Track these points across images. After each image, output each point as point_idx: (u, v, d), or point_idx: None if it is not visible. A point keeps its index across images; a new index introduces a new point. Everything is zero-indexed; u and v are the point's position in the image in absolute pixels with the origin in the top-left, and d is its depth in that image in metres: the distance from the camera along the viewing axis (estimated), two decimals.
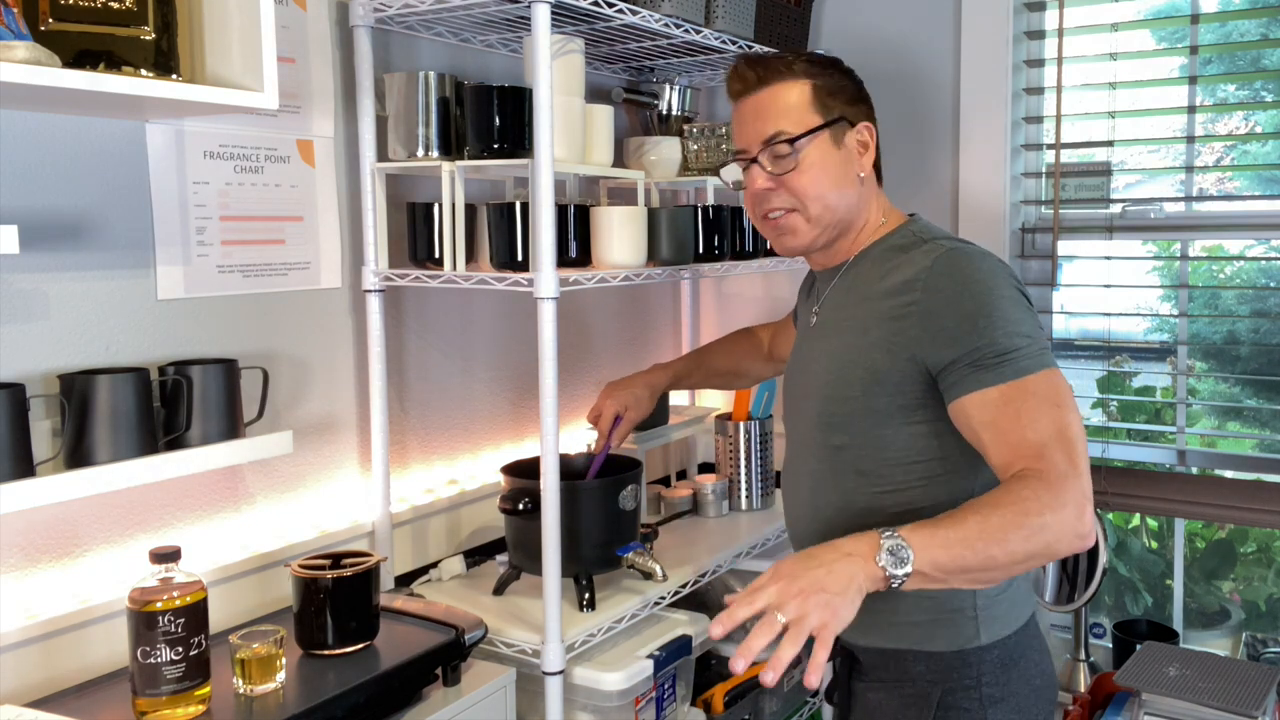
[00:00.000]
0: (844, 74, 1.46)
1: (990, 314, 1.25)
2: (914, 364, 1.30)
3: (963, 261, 1.31)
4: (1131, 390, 2.42)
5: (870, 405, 1.34)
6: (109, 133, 1.44)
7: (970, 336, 1.25)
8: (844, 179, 1.42)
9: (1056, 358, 2.31)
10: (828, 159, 1.41)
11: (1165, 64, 2.20)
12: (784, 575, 1.11)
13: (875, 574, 1.10)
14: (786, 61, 1.43)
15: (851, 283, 1.43)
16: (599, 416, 1.84)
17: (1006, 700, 1.32)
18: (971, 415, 1.24)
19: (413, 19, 1.74)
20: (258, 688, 1.31)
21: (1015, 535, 1.13)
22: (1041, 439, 1.18)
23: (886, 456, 1.35)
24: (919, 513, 1.33)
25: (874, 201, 1.46)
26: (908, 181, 2.31)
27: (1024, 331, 1.25)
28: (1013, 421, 1.21)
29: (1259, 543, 2.53)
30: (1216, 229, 2.15)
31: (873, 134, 1.44)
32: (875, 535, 1.12)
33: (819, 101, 1.41)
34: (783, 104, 1.41)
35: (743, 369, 1.95)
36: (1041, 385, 1.22)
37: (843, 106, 1.43)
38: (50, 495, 1.25)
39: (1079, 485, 1.16)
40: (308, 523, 1.73)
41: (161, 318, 1.51)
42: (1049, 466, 1.17)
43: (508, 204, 1.67)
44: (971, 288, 1.28)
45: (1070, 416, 1.21)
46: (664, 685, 1.80)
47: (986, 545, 1.13)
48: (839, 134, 1.42)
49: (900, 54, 2.31)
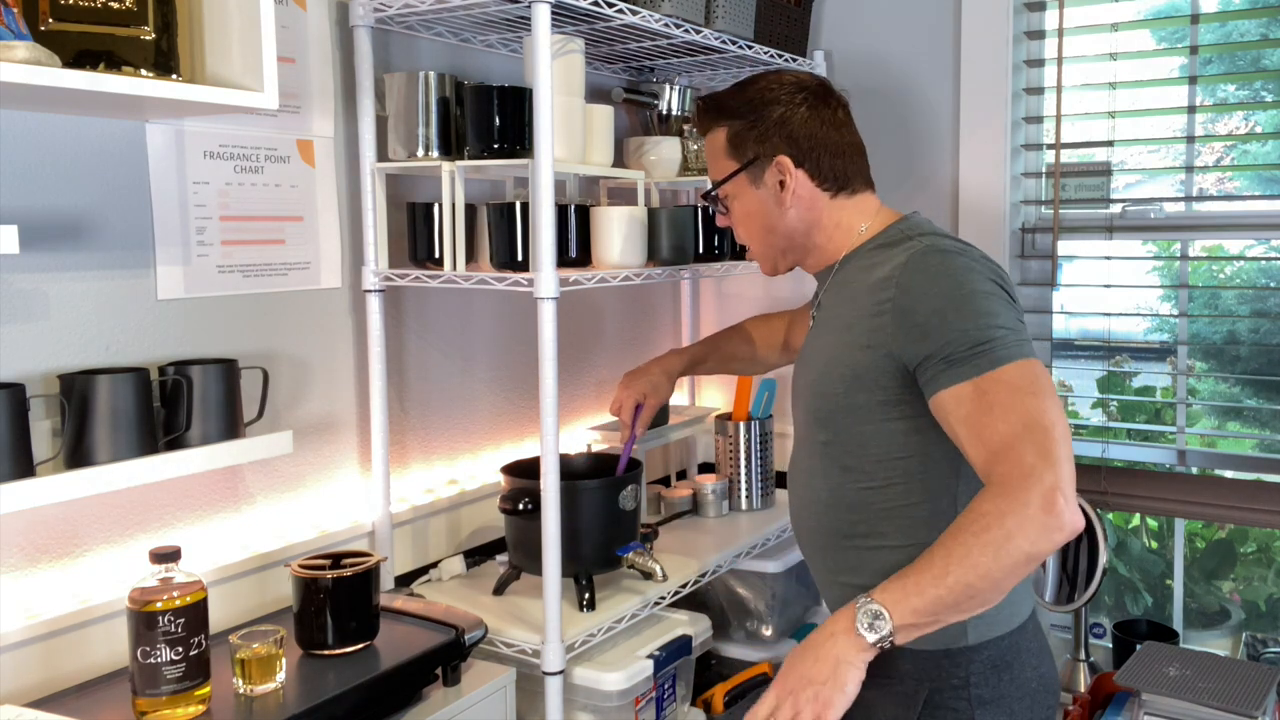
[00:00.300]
0: (762, 105, 1.45)
1: (961, 307, 1.25)
2: (891, 360, 1.30)
3: (936, 257, 1.31)
4: (1131, 390, 2.43)
5: (852, 401, 1.35)
6: (109, 133, 1.44)
7: (941, 331, 1.25)
8: (771, 215, 1.47)
9: (1056, 358, 2.32)
10: (751, 201, 1.49)
11: (1165, 64, 2.20)
12: (780, 677, 1.21)
13: (860, 644, 1.17)
14: (712, 108, 1.50)
15: (841, 281, 1.44)
16: (620, 408, 1.84)
17: (997, 702, 1.32)
18: (949, 411, 1.24)
19: (413, 19, 1.74)
20: (258, 688, 1.31)
21: (983, 555, 1.14)
22: (1012, 431, 1.17)
23: (868, 452, 1.36)
24: (904, 508, 1.35)
25: (835, 216, 1.46)
26: (907, 181, 2.32)
27: (997, 323, 1.24)
28: (985, 415, 1.20)
29: (1259, 543, 2.53)
30: (1216, 229, 2.15)
31: (787, 167, 1.44)
32: (852, 606, 1.19)
33: (732, 147, 1.49)
34: (710, 153, 1.53)
35: (759, 356, 1.95)
36: (1014, 375, 1.21)
37: (755, 145, 1.46)
38: (50, 495, 1.25)
39: (1046, 477, 1.14)
40: (308, 523, 1.73)
41: (161, 318, 1.51)
42: (1013, 465, 1.15)
43: (508, 204, 1.67)
44: (942, 282, 1.28)
45: (1044, 404, 1.18)
46: (664, 685, 1.80)
47: (959, 575, 1.15)
48: (756, 174, 1.46)
49: (900, 54, 2.32)
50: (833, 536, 1.42)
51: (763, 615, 2.15)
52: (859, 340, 1.34)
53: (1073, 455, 1.18)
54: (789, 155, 1.44)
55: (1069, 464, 1.16)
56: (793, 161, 1.44)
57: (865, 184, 1.49)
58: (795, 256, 1.51)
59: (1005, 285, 1.32)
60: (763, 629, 2.16)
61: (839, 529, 1.41)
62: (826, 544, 1.43)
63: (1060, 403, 1.21)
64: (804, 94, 1.46)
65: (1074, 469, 1.17)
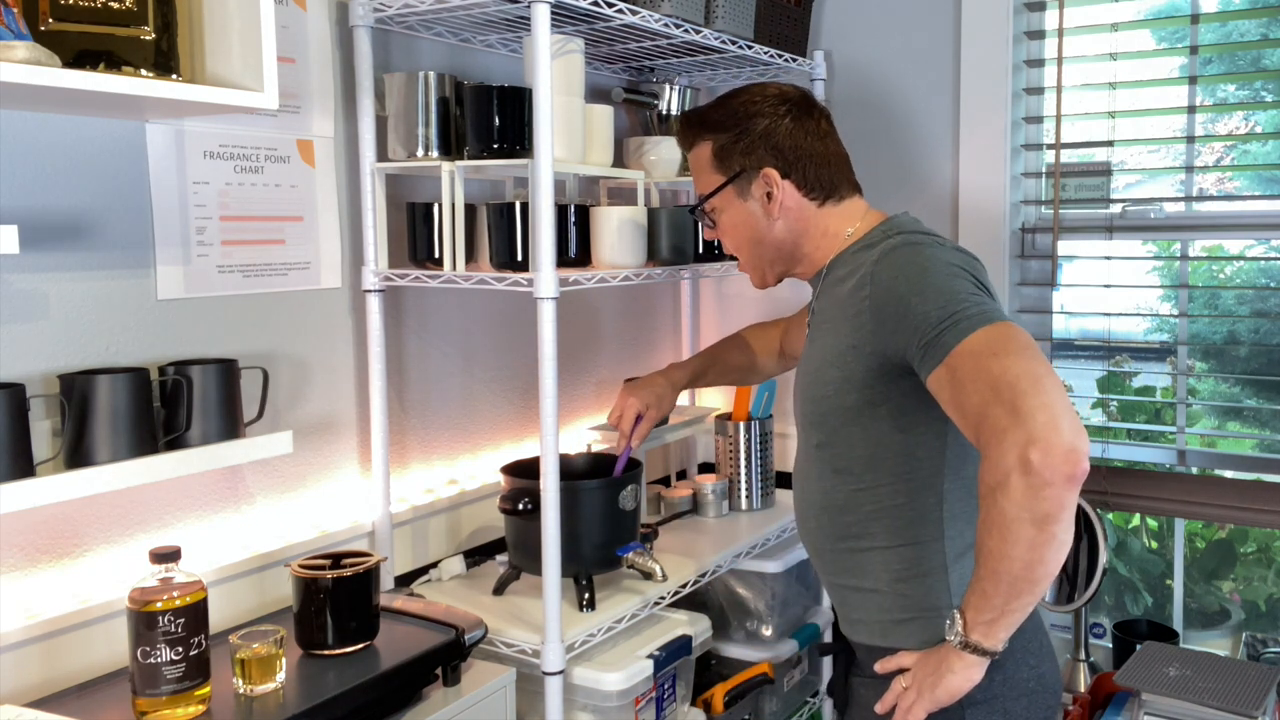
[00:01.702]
0: (746, 118, 1.45)
1: (922, 290, 1.25)
2: (875, 358, 1.31)
3: (904, 251, 1.32)
4: (1131, 390, 2.42)
5: (841, 403, 1.36)
6: (109, 133, 1.44)
7: (908, 319, 1.25)
8: (759, 227, 1.48)
9: (1056, 358, 2.32)
10: (739, 214, 1.49)
11: (1165, 64, 2.20)
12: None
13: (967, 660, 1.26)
14: (695, 123, 1.51)
15: (829, 286, 1.45)
16: (620, 418, 1.83)
17: (989, 703, 1.32)
18: (937, 398, 1.24)
19: (413, 19, 1.74)
20: (258, 688, 1.31)
21: (1001, 542, 1.14)
22: (982, 399, 1.15)
23: (857, 454, 1.37)
24: (891, 509, 1.36)
25: (822, 223, 1.46)
26: (907, 181, 2.32)
27: (959, 297, 1.23)
28: (959, 392, 1.19)
29: (1259, 543, 2.53)
30: (1216, 229, 2.15)
31: (774, 179, 1.44)
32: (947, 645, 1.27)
33: (717, 161, 1.49)
34: (696, 167, 1.54)
35: (756, 365, 1.96)
36: (977, 343, 1.18)
37: (740, 158, 1.46)
38: (50, 495, 1.25)
39: (1017, 436, 1.10)
40: (308, 523, 1.73)
41: (161, 318, 1.51)
42: (989, 433, 1.13)
43: (508, 204, 1.67)
44: (907, 271, 1.29)
45: (1006, 361, 1.14)
46: (664, 685, 1.80)
47: (993, 566, 1.17)
48: (743, 187, 1.47)
49: (900, 54, 2.32)
50: (828, 539, 1.43)
51: (763, 615, 2.15)
52: (845, 341, 1.34)
53: (1054, 395, 1.11)
54: (775, 167, 1.44)
55: (1045, 410, 1.09)
56: (779, 173, 1.44)
57: (852, 189, 1.49)
58: (784, 267, 1.52)
59: (973, 271, 1.30)
60: (763, 629, 2.16)
61: (833, 532, 1.42)
62: (824, 546, 1.45)
63: (1033, 352, 1.15)
64: (787, 105, 1.46)
65: (1058, 409, 1.10)
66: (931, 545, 1.35)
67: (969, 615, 1.23)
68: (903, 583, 1.37)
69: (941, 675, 1.27)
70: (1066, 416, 1.10)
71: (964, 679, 1.26)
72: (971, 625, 1.23)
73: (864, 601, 1.41)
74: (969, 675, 1.26)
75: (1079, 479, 1.10)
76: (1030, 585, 1.17)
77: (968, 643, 1.23)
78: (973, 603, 1.22)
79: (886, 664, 1.37)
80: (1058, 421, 1.09)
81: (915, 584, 1.36)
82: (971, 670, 1.26)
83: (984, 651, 1.24)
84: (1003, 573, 1.16)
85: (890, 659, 1.36)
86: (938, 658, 1.29)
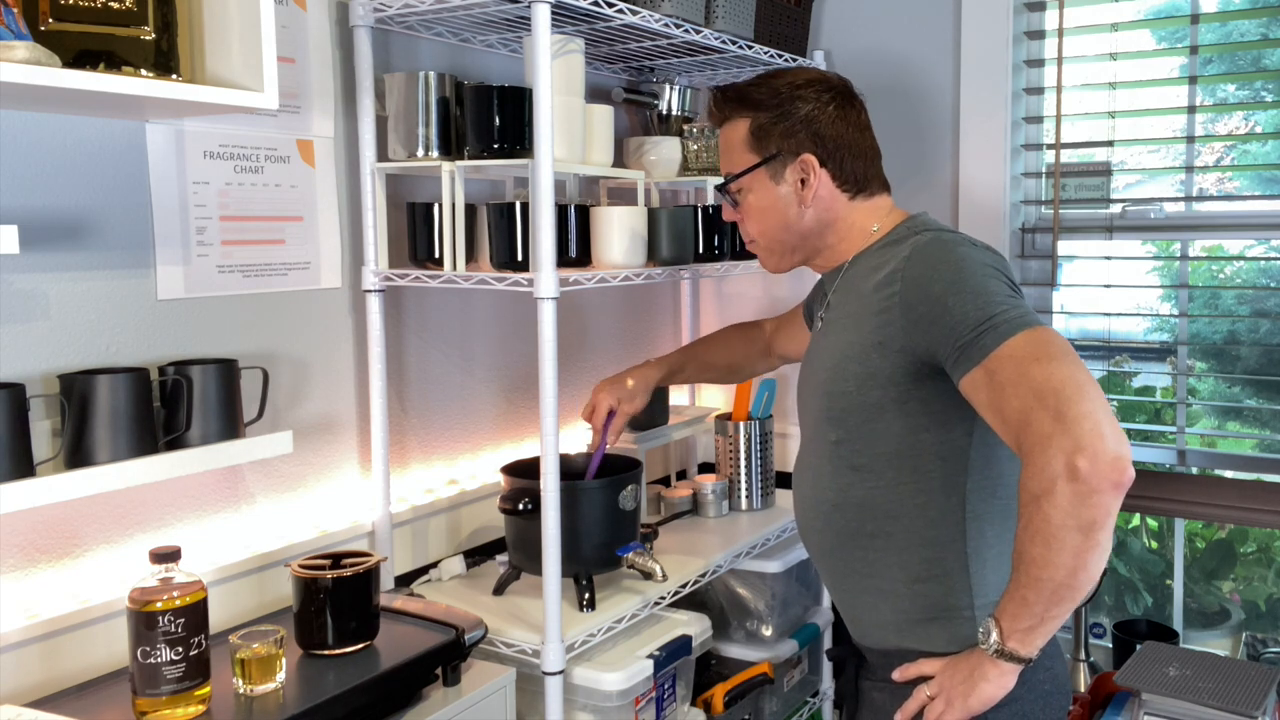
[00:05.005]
0: (789, 100, 1.43)
1: (960, 290, 1.24)
2: (903, 355, 1.30)
3: (935, 248, 1.31)
4: (1131, 390, 2.43)
5: (864, 400, 1.34)
6: (109, 133, 1.44)
7: (944, 318, 1.24)
8: (788, 213, 1.45)
9: None
10: (768, 197, 1.46)
11: (1165, 64, 2.20)
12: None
13: (1002, 668, 1.25)
14: (734, 99, 1.47)
15: (850, 281, 1.43)
16: (592, 414, 1.83)
17: (1010, 704, 1.31)
18: (972, 399, 1.23)
19: (413, 19, 1.74)
20: (258, 688, 1.31)
21: (1045, 550, 1.14)
22: (1024, 404, 1.15)
23: (879, 450, 1.35)
24: (912, 508, 1.34)
25: (850, 217, 1.45)
26: (908, 181, 2.32)
27: (997, 300, 1.23)
28: (999, 396, 1.18)
29: (1259, 543, 2.53)
30: (1216, 229, 2.15)
31: (812, 166, 1.42)
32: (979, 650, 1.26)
33: (754, 140, 1.45)
34: (727, 144, 1.50)
35: (738, 364, 1.94)
36: (1018, 347, 1.18)
37: (779, 140, 1.43)
38: (50, 495, 1.25)
39: (1063, 443, 1.10)
40: (308, 523, 1.73)
41: (161, 318, 1.51)
42: (1033, 439, 1.13)
43: (508, 204, 1.67)
44: (940, 270, 1.28)
45: (1050, 368, 1.15)
46: (664, 685, 1.80)
47: (1034, 573, 1.17)
48: (777, 170, 1.44)
49: (900, 54, 2.32)
50: (840, 537, 1.41)
51: (763, 615, 2.15)
52: (870, 337, 1.33)
53: (1097, 402, 1.12)
54: (814, 154, 1.42)
55: (1090, 418, 1.10)
56: (818, 160, 1.43)
57: (882, 186, 1.49)
58: (803, 255, 1.50)
59: (1006, 272, 1.30)
60: (763, 629, 2.16)
61: (847, 530, 1.40)
62: (834, 545, 1.43)
63: (1074, 358, 1.16)
64: (831, 93, 1.45)
65: (1101, 416, 1.11)
66: (951, 545, 1.34)
67: (1005, 623, 1.22)
68: (920, 583, 1.35)
69: (975, 683, 1.25)
70: (1110, 423, 1.11)
71: (999, 687, 1.25)
72: (1009, 633, 1.21)
73: (878, 602, 1.39)
74: (1003, 683, 1.25)
75: (1125, 486, 1.11)
76: (1072, 593, 1.16)
77: (1004, 650, 1.22)
78: (1010, 610, 1.21)
79: (906, 671, 1.35)
80: (1102, 429, 1.10)
81: (934, 584, 1.34)
82: (1006, 678, 1.25)
83: (1020, 659, 1.23)
84: (1045, 580, 1.15)
85: (910, 666, 1.34)
86: (969, 665, 1.27)
